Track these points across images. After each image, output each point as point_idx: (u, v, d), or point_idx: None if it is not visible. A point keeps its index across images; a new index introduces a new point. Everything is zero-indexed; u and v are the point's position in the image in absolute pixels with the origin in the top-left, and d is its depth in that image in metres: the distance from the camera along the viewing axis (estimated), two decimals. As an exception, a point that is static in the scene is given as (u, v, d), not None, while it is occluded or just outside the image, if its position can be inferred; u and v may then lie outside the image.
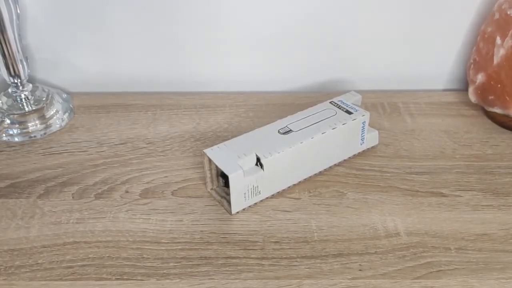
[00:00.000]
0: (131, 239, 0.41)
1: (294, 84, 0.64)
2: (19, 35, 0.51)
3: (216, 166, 0.44)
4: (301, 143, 0.44)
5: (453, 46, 0.62)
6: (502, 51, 0.51)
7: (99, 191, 0.46)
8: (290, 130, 0.45)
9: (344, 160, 0.50)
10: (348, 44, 0.61)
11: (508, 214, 0.44)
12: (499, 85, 0.53)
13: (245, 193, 0.43)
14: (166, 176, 0.48)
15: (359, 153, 0.51)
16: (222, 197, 0.45)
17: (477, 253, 0.40)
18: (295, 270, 0.39)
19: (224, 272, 0.39)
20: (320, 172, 0.48)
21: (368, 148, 0.51)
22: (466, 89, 0.59)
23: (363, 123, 0.48)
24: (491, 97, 0.54)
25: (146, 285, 0.37)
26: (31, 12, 0.57)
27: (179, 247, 0.41)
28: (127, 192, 0.46)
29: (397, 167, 0.50)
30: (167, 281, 0.38)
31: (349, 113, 0.48)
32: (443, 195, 0.46)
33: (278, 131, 0.45)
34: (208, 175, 0.45)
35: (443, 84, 0.65)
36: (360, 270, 0.39)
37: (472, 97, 0.57)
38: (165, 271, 0.39)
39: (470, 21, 0.60)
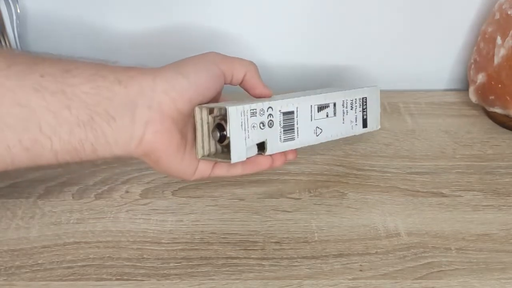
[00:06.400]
0: (131, 239, 0.41)
1: (294, 84, 0.64)
2: (19, 35, 0.51)
3: (212, 120, 0.39)
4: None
5: (454, 46, 0.62)
6: (502, 51, 0.51)
7: (99, 191, 0.46)
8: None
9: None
10: (348, 44, 0.61)
11: (508, 214, 0.44)
12: (499, 85, 0.53)
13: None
14: (166, 176, 0.48)
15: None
16: (216, 154, 0.40)
17: (478, 253, 0.40)
18: (295, 271, 0.39)
19: (224, 272, 0.39)
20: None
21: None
22: (466, 89, 0.59)
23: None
24: (491, 97, 0.54)
25: (147, 285, 0.37)
26: (31, 12, 0.57)
27: (179, 247, 0.41)
28: (127, 192, 0.46)
29: (398, 167, 0.50)
30: (168, 281, 0.38)
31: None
32: (443, 195, 0.46)
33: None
34: (199, 136, 0.39)
35: (443, 84, 0.65)
36: (360, 270, 0.39)
37: (472, 97, 0.57)
38: (165, 271, 0.39)
39: (470, 21, 0.60)
